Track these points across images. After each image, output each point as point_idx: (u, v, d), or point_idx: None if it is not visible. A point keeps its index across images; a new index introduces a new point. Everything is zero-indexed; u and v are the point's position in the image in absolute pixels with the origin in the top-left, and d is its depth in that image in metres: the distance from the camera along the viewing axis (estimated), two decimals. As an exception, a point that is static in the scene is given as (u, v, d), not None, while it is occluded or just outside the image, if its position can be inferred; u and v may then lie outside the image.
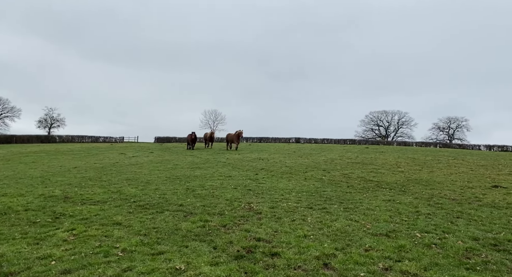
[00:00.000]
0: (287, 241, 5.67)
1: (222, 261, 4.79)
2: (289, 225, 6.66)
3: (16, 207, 8.26)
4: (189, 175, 14.32)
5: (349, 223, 6.84)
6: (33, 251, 5.14)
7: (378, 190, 10.89)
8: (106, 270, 4.41)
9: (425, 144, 59.84)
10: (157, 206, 8.41)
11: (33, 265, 4.59)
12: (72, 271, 4.38)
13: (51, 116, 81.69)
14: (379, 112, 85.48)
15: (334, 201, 9.07)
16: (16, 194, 10.01)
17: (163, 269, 4.45)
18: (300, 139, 63.60)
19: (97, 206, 8.39)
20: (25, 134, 61.09)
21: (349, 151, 28.60)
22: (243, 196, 9.59)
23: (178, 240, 5.74)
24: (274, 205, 8.48)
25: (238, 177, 13.43)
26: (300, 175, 14.24)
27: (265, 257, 4.99)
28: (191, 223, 6.78)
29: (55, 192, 10.36)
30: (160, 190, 10.69)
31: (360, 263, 4.78)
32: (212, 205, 8.41)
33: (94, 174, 14.92)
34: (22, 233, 6.12)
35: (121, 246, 5.35)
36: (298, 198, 9.39)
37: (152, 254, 5.03)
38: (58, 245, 5.43)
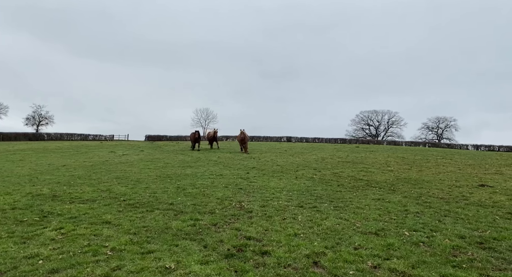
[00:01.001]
0: (278, 240, 5.69)
1: (212, 260, 4.79)
2: (279, 224, 6.68)
3: (3, 206, 8.12)
4: (180, 173, 14.26)
5: (339, 222, 6.89)
6: (20, 250, 5.06)
7: (368, 189, 11.00)
8: (95, 269, 4.37)
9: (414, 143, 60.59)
10: (147, 204, 8.35)
11: (20, 265, 4.52)
12: (60, 271, 4.32)
13: (39, 113, 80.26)
14: (370, 111, 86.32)
15: (325, 199, 9.13)
16: (3, 193, 9.84)
17: (153, 268, 4.43)
18: (291, 138, 63.79)
19: (86, 205, 8.30)
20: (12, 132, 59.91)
21: (340, 150, 28.80)
22: (234, 195, 9.59)
23: (168, 239, 5.72)
24: (265, 203, 8.50)
25: (229, 176, 13.42)
26: (291, 173, 14.30)
27: (255, 255, 5.00)
28: (181, 221, 6.76)
29: (43, 190, 10.21)
30: (150, 188, 10.62)
31: (350, 261, 4.82)
32: (203, 204, 8.39)
33: (83, 172, 14.75)
34: (9, 232, 6.02)
35: (110, 245, 5.30)
36: (289, 196, 9.43)
37: (142, 253, 5.00)
38: (46, 244, 5.35)
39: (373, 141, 68.62)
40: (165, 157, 22.77)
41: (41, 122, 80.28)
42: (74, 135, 60.86)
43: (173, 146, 34.31)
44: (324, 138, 64.14)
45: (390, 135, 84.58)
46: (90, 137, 61.13)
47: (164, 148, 32.01)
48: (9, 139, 55.73)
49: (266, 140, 62.75)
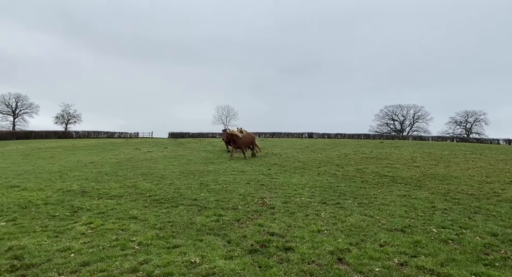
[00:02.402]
0: (301, 236, 5.67)
1: (236, 255, 4.83)
2: (302, 220, 6.65)
3: (36, 201, 8.50)
4: (202, 170, 14.44)
5: (364, 218, 6.78)
6: (53, 244, 5.28)
7: (393, 185, 10.75)
8: (123, 263, 4.51)
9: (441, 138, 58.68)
10: (172, 200, 8.51)
11: (53, 257, 4.72)
12: (91, 264, 4.49)
13: (68, 112, 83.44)
14: (394, 106, 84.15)
15: (348, 196, 9.00)
16: (36, 189, 10.30)
17: (179, 262, 4.52)
18: (313, 134, 63.23)
19: (114, 200, 8.55)
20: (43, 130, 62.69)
21: (363, 145, 28.29)
22: (256, 191, 9.62)
23: (193, 234, 5.81)
24: (287, 200, 8.47)
25: (250, 172, 13.47)
26: (313, 170, 14.18)
27: (278, 251, 5.01)
28: (205, 217, 6.85)
29: (72, 186, 10.61)
30: (174, 184, 10.82)
31: (375, 258, 4.74)
32: (226, 200, 8.47)
33: (110, 169, 15.20)
34: (43, 226, 6.30)
35: (137, 240, 5.44)
36: (312, 193, 9.37)
37: (168, 248, 5.11)
38: (77, 238, 5.57)
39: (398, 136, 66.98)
40: (188, 153, 23.14)
41: (69, 120, 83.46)
42: (101, 133, 62.86)
43: (195, 143, 34.80)
44: (346, 134, 63.22)
45: (416, 130, 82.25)
46: (116, 135, 62.95)
47: (187, 145, 32.52)
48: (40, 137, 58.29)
49: (287, 136, 62.52)
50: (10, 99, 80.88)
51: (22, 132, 63.06)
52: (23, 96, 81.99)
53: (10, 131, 66.64)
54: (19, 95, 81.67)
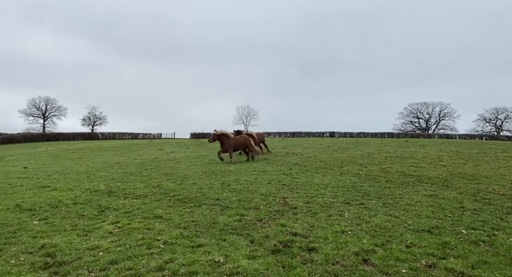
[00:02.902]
0: (324, 237, 5.61)
1: (260, 255, 4.84)
2: (325, 221, 6.58)
3: (66, 201, 8.83)
4: (224, 170, 14.56)
5: (389, 219, 6.64)
6: (83, 242, 5.47)
7: (419, 185, 10.46)
8: (150, 261, 4.61)
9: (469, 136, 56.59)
10: (195, 200, 8.63)
11: (83, 255, 4.89)
12: (119, 262, 4.62)
13: (94, 114, 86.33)
14: (419, 104, 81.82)
15: (372, 196, 8.83)
16: (65, 188, 10.70)
17: (203, 262, 4.58)
18: (334, 133, 62.49)
19: (139, 200, 8.76)
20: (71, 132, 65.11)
21: (387, 144, 27.68)
22: (278, 191, 9.60)
23: (216, 233, 5.87)
24: (309, 200, 8.41)
25: (272, 172, 13.45)
26: (335, 169, 14.01)
27: (302, 251, 4.98)
28: (227, 217, 6.90)
29: (99, 186, 10.94)
30: (197, 184, 10.96)
31: (402, 259, 4.63)
32: (248, 200, 8.50)
33: (135, 169, 15.59)
34: (72, 225, 6.54)
35: (163, 239, 5.55)
36: (334, 193, 9.25)
37: (192, 247, 5.19)
38: (105, 237, 5.74)
39: (423, 134, 65.14)
40: (209, 153, 23.39)
41: (95, 122, 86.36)
42: (125, 134, 64.57)
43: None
44: (369, 133, 62.09)
45: (442, 128, 79.74)
46: (140, 136, 64.48)
47: (209, 145, 32.86)
48: (69, 138, 60.51)
49: (308, 136, 62.07)
50: (40, 103, 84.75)
51: (51, 134, 65.74)
52: (52, 100, 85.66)
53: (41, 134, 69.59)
54: (49, 98, 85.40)
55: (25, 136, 62.92)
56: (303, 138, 52.47)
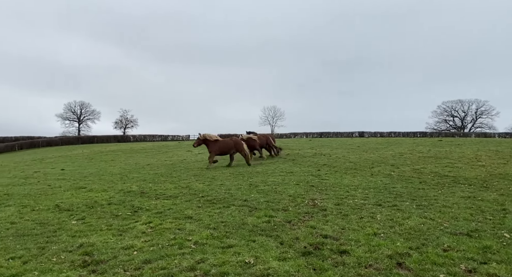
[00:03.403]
0: (356, 239, 5.48)
1: (290, 257, 4.80)
2: (356, 223, 6.43)
3: (101, 201, 9.18)
4: (251, 171, 14.59)
5: (424, 221, 6.39)
6: (118, 242, 5.67)
7: (455, 186, 10.00)
8: (182, 261, 4.70)
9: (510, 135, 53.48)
10: (224, 201, 8.71)
11: (118, 254, 5.06)
12: (152, 261, 4.74)
13: (126, 117, 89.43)
14: (454, 101, 78.20)
15: (405, 197, 8.54)
16: (100, 189, 11.13)
17: (233, 262, 4.60)
18: (364, 133, 61.16)
19: (170, 201, 8.96)
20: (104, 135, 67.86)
21: (420, 144, 26.71)
22: (306, 192, 9.50)
23: (245, 234, 5.89)
24: (339, 201, 8.26)
25: (299, 173, 13.34)
26: (366, 170, 13.67)
27: (333, 254, 4.89)
28: (256, 218, 6.91)
29: (132, 187, 11.30)
30: (225, 185, 11.06)
31: (439, 263, 4.44)
32: (276, 201, 8.47)
33: (165, 170, 15.97)
34: (108, 225, 6.79)
35: (193, 239, 5.64)
36: (365, 194, 9.03)
37: (222, 247, 5.23)
38: (138, 237, 5.92)
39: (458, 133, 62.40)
40: (236, 155, 23.54)
41: (127, 125, 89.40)
42: (156, 137, 66.41)
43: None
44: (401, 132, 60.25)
45: (479, 127, 75.77)
46: (169, 138, 66.10)
47: (236, 146, 33.15)
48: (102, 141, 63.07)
49: (336, 136, 61.13)
50: (76, 107, 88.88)
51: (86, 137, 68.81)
52: (86, 104, 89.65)
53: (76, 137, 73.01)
54: (83, 103, 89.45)
55: (62, 140, 66.21)
56: (331, 138, 51.72)
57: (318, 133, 64.57)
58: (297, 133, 66.11)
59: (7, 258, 5.01)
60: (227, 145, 16.71)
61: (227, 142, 16.79)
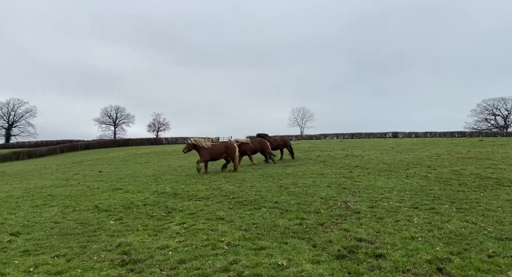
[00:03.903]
0: (392, 243, 5.31)
1: (323, 260, 4.73)
2: (392, 226, 6.23)
3: (137, 202, 9.50)
4: (281, 172, 14.54)
5: (465, 225, 6.07)
6: (153, 242, 5.83)
7: (499, 188, 9.43)
8: (215, 262, 4.75)
9: (558, 133, 49.77)
10: (254, 202, 8.73)
11: (154, 254, 5.20)
12: (187, 261, 4.83)
13: (158, 120, 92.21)
14: (495, 99, 73.86)
15: (444, 200, 8.16)
16: (136, 191, 11.52)
17: (266, 264, 4.59)
18: (397, 133, 59.24)
19: (202, 202, 9.11)
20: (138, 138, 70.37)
21: (458, 144, 25.46)
22: (338, 195, 9.32)
23: (277, 236, 5.86)
24: (373, 204, 8.03)
25: (331, 175, 13.12)
26: (400, 172, 13.21)
27: (368, 258, 4.76)
28: (288, 220, 6.86)
29: (166, 188, 11.60)
30: (255, 187, 11.08)
31: (483, 270, 4.20)
32: (307, 203, 8.37)
33: (196, 172, 16.25)
34: (144, 225, 7.00)
35: (226, 240, 5.70)
36: (401, 197, 8.72)
37: (255, 249, 5.24)
38: (173, 237, 6.06)
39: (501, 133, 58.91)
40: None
41: (159, 128, 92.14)
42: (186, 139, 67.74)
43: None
44: (437, 132, 57.82)
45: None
46: (199, 141, 67.24)
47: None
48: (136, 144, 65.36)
49: (368, 137, 59.64)
50: (111, 111, 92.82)
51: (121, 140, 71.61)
52: (121, 108, 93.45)
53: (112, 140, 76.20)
54: (118, 107, 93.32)
55: (99, 143, 69.29)
56: (363, 139, 50.50)
57: (349, 134, 63.27)
58: (327, 134, 65.14)
59: (52, 256, 5.30)
60: (218, 150, 16.48)
61: (217, 147, 16.61)
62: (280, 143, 20.84)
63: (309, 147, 30.92)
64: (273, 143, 20.28)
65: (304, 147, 31.11)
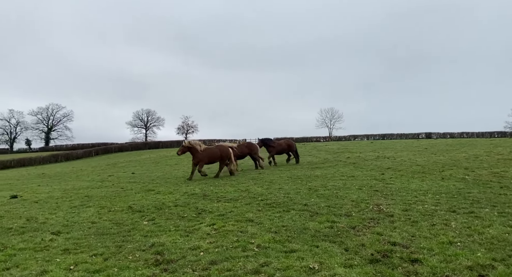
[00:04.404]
0: (428, 247, 5.10)
1: (356, 264, 4.62)
2: (428, 230, 5.98)
3: (168, 203, 9.72)
4: (309, 174, 14.39)
5: (509, 230, 5.72)
6: (185, 242, 5.93)
7: (545, 192, 8.83)
8: (246, 264, 4.77)
9: None
10: (283, 204, 8.68)
11: (186, 255, 5.29)
12: (218, 263, 4.87)
13: (187, 123, 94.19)
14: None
15: (484, 204, 7.75)
16: (167, 192, 11.80)
17: (297, 267, 4.55)
18: (431, 134, 57.08)
19: (231, 203, 9.18)
20: (168, 140, 72.22)
21: (498, 145, 24.12)
22: (370, 197, 9.09)
23: (308, 239, 5.80)
24: (407, 207, 7.76)
25: (362, 177, 12.83)
26: (435, 174, 12.70)
27: (404, 263, 4.60)
28: (318, 223, 6.77)
29: (195, 190, 11.79)
30: (283, 189, 11.03)
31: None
32: (337, 206, 8.22)
33: (223, 174, 16.42)
34: (175, 226, 7.15)
35: (256, 242, 5.70)
36: (436, 200, 8.37)
37: (285, 252, 5.20)
38: (204, 238, 6.14)
39: (544, 131, 55.15)
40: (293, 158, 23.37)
41: (188, 131, 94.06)
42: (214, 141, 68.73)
43: (300, 148, 34.92)
44: (474, 132, 55.15)
45: None
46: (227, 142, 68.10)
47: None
48: (167, 146, 67.07)
49: (400, 137, 57.85)
50: (143, 115, 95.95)
51: (152, 143, 73.83)
52: (152, 112, 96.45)
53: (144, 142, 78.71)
54: (149, 110, 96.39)
55: (132, 145, 71.76)
56: (394, 140, 49.04)
57: (380, 135, 61.66)
58: (357, 135, 63.80)
59: (90, 255, 5.53)
60: (213, 154, 15.74)
61: (213, 151, 15.86)
62: (284, 147, 20.18)
63: (338, 148, 30.42)
64: (277, 147, 19.86)
65: (333, 148, 30.64)
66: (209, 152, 15.65)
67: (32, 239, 6.63)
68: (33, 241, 6.51)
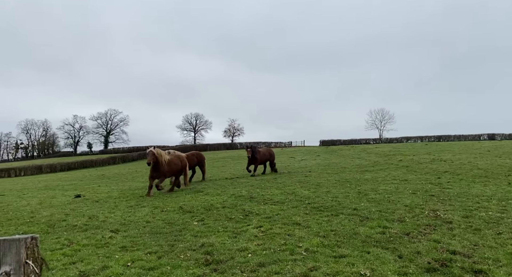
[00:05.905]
0: (494, 258, 4.68)
1: (411, 272, 4.37)
2: (493, 239, 5.50)
3: (216, 204, 9.95)
4: (359, 178, 13.94)
5: None
6: (233, 244, 6.02)
7: None
8: (294, 267, 4.72)
9: None
10: (331, 208, 8.49)
11: (235, 256, 5.37)
12: (266, 265, 4.88)
13: (233, 126, 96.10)
14: None
15: (560, 212, 6.95)
16: (215, 194, 12.09)
17: (347, 273, 4.41)
18: (495, 135, 52.60)
19: (277, 206, 9.16)
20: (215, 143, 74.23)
21: None
22: (425, 202, 8.57)
23: (358, 244, 5.60)
24: (468, 213, 7.20)
25: (415, 181, 12.15)
26: (500, 178, 11.65)
27: (465, 273, 4.26)
28: (369, 228, 6.52)
29: (242, 192, 11.95)
30: (331, 192, 10.79)
31: None
32: (390, 211, 7.86)
33: (270, 176, 16.48)
34: (223, 227, 7.29)
35: (304, 246, 5.62)
36: (502, 206, 7.67)
37: (334, 257, 5.07)
38: (251, 240, 6.19)
39: None
40: (341, 161, 22.82)
41: (234, 133, 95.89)
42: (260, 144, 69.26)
43: (348, 150, 34.01)
44: (545, 132, 49.79)
45: None
46: (273, 145, 68.33)
47: (339, 152, 32.14)
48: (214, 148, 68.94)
49: (458, 139, 54.02)
50: (191, 118, 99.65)
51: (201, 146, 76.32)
52: (200, 115, 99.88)
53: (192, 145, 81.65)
54: (198, 114, 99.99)
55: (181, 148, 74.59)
56: (452, 142, 45.86)
57: (435, 136, 58.01)
58: (410, 137, 60.63)
59: (145, 253, 5.82)
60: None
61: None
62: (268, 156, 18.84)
63: (390, 150, 29.13)
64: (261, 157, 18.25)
65: (384, 151, 29.39)
66: (176, 161, 14.09)
67: (94, 236, 7.14)
68: (94, 238, 7.01)
